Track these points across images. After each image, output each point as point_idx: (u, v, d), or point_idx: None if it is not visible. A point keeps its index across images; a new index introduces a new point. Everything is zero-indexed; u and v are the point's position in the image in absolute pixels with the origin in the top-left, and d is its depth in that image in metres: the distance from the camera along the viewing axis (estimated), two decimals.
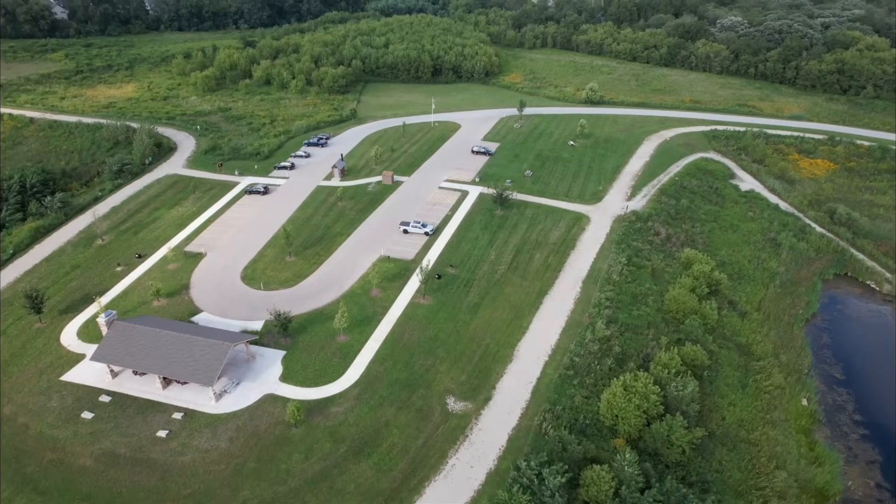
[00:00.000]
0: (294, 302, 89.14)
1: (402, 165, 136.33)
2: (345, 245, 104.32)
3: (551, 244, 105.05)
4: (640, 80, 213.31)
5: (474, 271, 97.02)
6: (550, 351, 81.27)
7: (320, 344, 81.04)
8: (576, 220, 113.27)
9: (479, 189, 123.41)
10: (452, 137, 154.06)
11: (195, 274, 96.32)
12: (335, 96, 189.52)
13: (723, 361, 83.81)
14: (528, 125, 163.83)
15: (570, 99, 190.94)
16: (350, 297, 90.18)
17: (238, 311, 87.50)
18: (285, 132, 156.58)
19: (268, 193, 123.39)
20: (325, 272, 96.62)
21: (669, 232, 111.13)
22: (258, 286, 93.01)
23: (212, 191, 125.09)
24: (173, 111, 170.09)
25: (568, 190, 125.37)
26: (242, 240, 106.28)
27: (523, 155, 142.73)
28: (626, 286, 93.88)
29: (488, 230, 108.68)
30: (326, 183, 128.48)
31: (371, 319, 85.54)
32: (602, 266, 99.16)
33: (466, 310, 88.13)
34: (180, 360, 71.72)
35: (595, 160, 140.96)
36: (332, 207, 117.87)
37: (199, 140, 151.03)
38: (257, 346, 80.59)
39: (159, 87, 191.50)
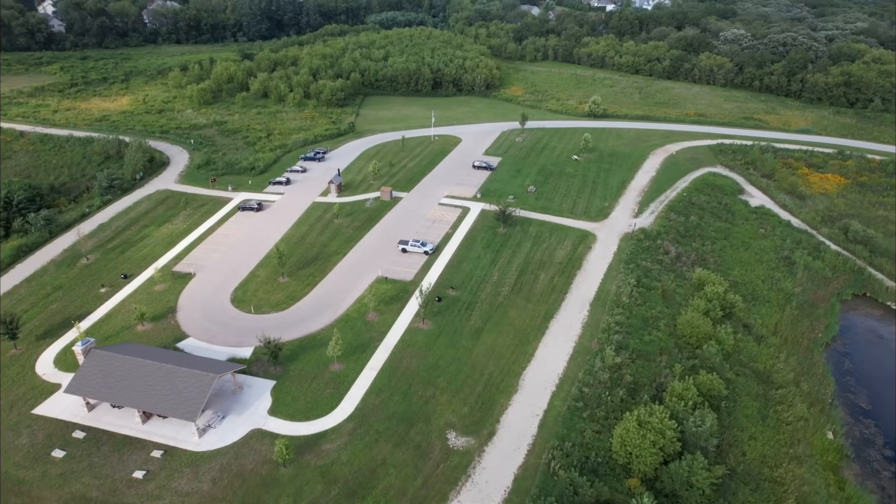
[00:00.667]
0: (286, 327, 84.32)
1: (401, 181, 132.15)
2: (341, 265, 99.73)
3: (557, 264, 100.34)
4: (644, 92, 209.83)
5: (476, 293, 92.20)
6: (558, 380, 76.18)
7: (313, 373, 75.97)
8: (582, 238, 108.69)
9: (481, 206, 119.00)
10: (453, 152, 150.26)
11: (183, 296, 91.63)
12: (333, 109, 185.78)
13: (740, 390, 78.63)
14: (531, 139, 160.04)
15: (573, 112, 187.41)
16: (345, 322, 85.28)
17: (226, 336, 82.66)
18: (281, 146, 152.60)
19: (262, 210, 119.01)
20: (319, 294, 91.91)
21: (679, 251, 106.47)
22: (248, 309, 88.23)
23: (204, 207, 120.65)
24: (168, 124, 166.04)
25: (573, 206, 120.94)
26: (234, 259, 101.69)
27: (526, 170, 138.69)
28: (637, 309, 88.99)
29: (490, 249, 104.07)
30: (323, 199, 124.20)
31: (367, 346, 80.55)
32: (610, 287, 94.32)
33: (468, 335, 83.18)
34: (161, 393, 66.53)
35: (600, 175, 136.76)
36: (328, 225, 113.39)
37: (193, 154, 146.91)
38: (245, 374, 75.44)
39: (155, 101, 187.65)
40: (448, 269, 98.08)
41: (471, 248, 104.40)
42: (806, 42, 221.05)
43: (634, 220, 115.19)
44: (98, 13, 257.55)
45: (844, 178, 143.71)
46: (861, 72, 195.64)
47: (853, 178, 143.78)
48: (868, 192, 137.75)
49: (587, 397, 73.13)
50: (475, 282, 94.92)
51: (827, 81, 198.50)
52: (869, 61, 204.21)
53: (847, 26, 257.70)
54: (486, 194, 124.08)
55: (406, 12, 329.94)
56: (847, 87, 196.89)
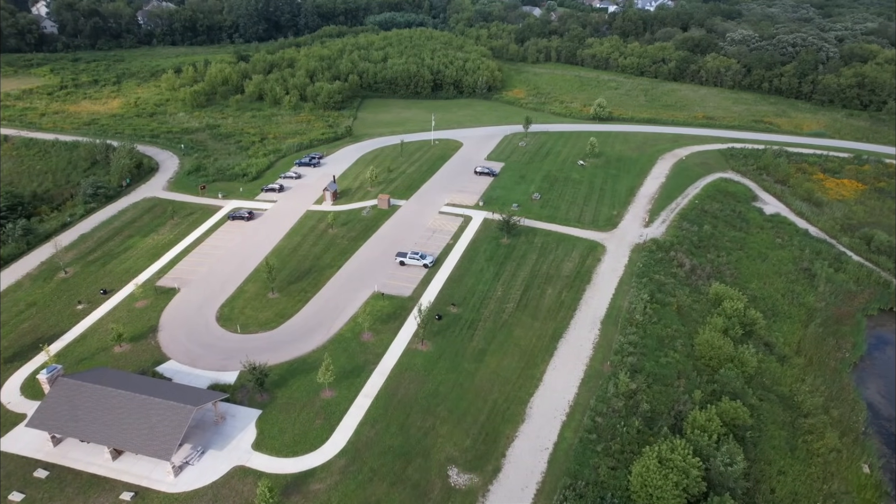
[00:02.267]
0: (274, 348, 78.32)
1: (399, 187, 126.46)
2: (334, 279, 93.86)
3: (564, 277, 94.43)
4: (650, 95, 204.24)
5: (479, 310, 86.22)
6: (568, 408, 70.08)
7: (302, 401, 69.86)
8: (590, 249, 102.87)
9: (484, 214, 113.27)
10: (454, 157, 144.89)
11: (165, 313, 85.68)
12: (330, 113, 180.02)
13: (766, 418, 72.49)
14: (535, 143, 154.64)
15: (577, 115, 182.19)
16: (338, 343, 79.21)
17: (210, 359, 76.68)
18: (276, 151, 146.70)
19: (253, 219, 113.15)
20: (311, 312, 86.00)
21: (694, 263, 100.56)
22: (235, 329, 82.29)
23: (192, 216, 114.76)
24: (158, 128, 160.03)
25: (580, 215, 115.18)
26: (221, 273, 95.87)
27: (530, 176, 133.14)
28: (651, 327, 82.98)
29: (494, 262, 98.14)
30: (317, 207, 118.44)
31: (361, 370, 74.46)
32: (622, 303, 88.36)
33: (471, 357, 77.14)
34: (133, 427, 60.31)
35: (608, 181, 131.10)
36: (322, 235, 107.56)
37: (183, 160, 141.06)
38: (229, 402, 69.26)
39: (146, 103, 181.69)
40: (449, 284, 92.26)
41: (473, 261, 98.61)
42: (816, 43, 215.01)
43: (645, 230, 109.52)
44: (91, 14, 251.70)
45: (862, 184, 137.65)
46: (874, 73, 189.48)
47: (871, 184, 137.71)
48: (888, 199, 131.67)
49: (600, 428, 67.04)
50: (478, 298, 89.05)
51: (839, 83, 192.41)
52: (882, 62, 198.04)
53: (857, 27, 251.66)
54: (489, 202, 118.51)
55: (406, 13, 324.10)
56: (860, 89, 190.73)
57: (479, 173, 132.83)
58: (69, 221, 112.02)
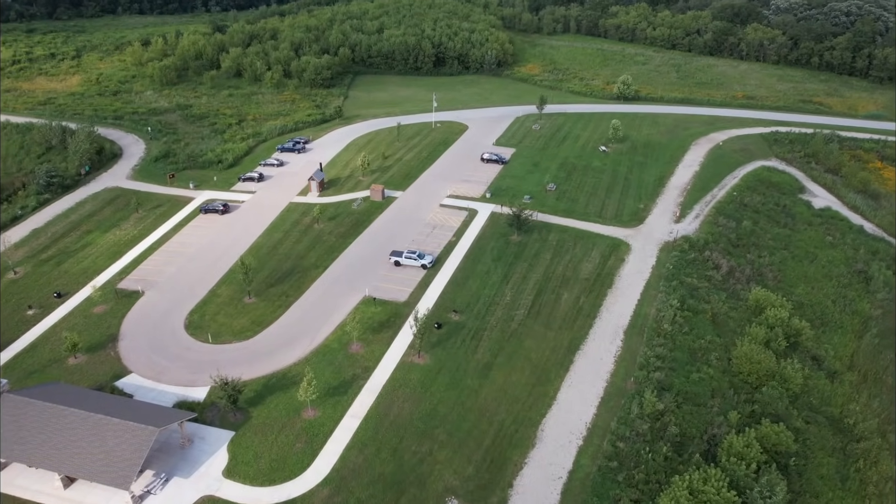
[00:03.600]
0: (250, 360, 78.09)
1: (395, 176, 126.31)
2: (320, 281, 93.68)
3: (583, 280, 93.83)
4: (682, 71, 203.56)
5: (485, 318, 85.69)
6: (585, 431, 69.44)
7: (281, 421, 69.44)
8: (612, 247, 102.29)
9: (491, 207, 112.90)
10: (458, 141, 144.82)
11: (127, 320, 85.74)
12: (318, 91, 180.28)
13: (812, 443, 71.65)
14: (550, 126, 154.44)
15: (599, 94, 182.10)
16: (323, 355, 78.85)
17: (177, 372, 76.53)
18: (255, 135, 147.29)
19: (228, 212, 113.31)
20: (292, 319, 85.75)
21: (731, 264, 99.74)
22: (205, 338, 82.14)
23: (159, 209, 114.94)
24: (122, 109, 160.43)
25: (601, 208, 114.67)
26: (191, 274, 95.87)
27: (544, 163, 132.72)
28: (682, 338, 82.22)
29: (502, 262, 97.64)
30: (301, 199, 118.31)
31: (349, 386, 74.00)
32: (649, 310, 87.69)
33: (474, 372, 76.61)
34: (88, 451, 59.95)
35: (633, 170, 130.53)
36: (307, 231, 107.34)
37: (150, 144, 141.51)
38: (198, 423, 68.89)
39: (110, 80, 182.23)
40: (450, 287, 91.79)
41: (478, 261, 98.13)
42: (874, 11, 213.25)
43: (676, 226, 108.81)
44: None
45: None
46: None
47: None
48: None
49: (622, 454, 66.34)
50: (483, 303, 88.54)
51: None
52: None
53: None
54: (497, 193, 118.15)
55: None
56: None
57: (486, 161, 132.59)
58: (20, 215, 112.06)
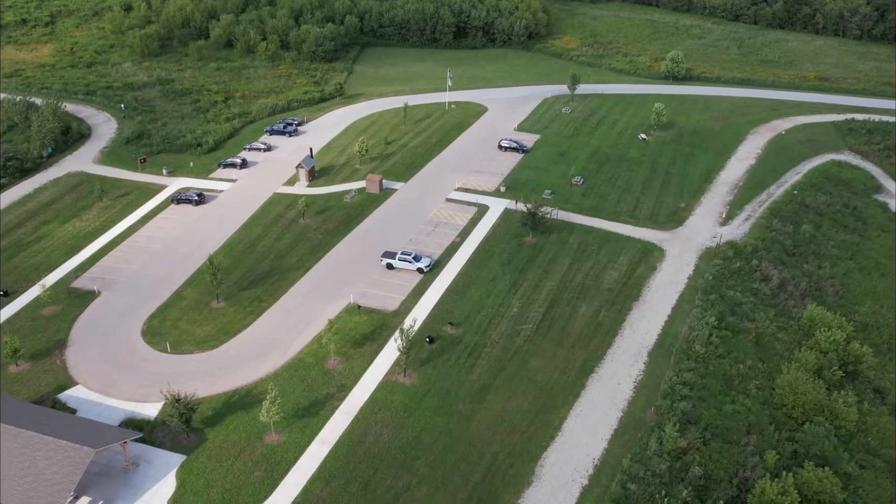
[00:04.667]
0: (212, 374, 78.83)
1: (397, 165, 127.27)
2: (300, 285, 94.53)
3: (605, 291, 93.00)
4: (745, 47, 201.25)
5: (485, 332, 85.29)
6: (592, 469, 68.52)
7: (240, 445, 69.76)
8: (643, 253, 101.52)
9: (506, 203, 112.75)
10: (474, 125, 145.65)
11: (78, 324, 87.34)
12: (318, 65, 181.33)
13: (866, 493, 69.84)
14: (583, 109, 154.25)
15: (645, 72, 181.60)
16: (295, 370, 79.20)
17: (129, 385, 77.55)
18: (242, 114, 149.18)
19: (203, 203, 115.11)
20: (264, 327, 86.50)
21: (784, 276, 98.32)
22: (164, 347, 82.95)
23: (126, 197, 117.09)
24: (96, 83, 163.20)
25: (634, 207, 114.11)
26: (155, 272, 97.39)
27: (572, 153, 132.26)
28: (716, 362, 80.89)
29: (512, 267, 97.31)
30: (288, 189, 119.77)
31: (321, 407, 74.14)
32: (680, 328, 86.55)
33: (468, 395, 76.19)
34: (15, 473, 60.79)
35: (676, 162, 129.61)
36: (290, 226, 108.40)
37: (123, 124, 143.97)
38: (145, 444, 69.53)
39: (85, 50, 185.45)
40: (449, 296, 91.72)
41: (484, 265, 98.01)
42: None
43: (721, 230, 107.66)
44: None
45: None
46: None
47: None
48: None
49: (634, 498, 65.20)
50: (485, 315, 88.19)
51: None
52: None
53: None
54: (514, 187, 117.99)
55: None
56: None
57: (504, 148, 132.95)
58: None
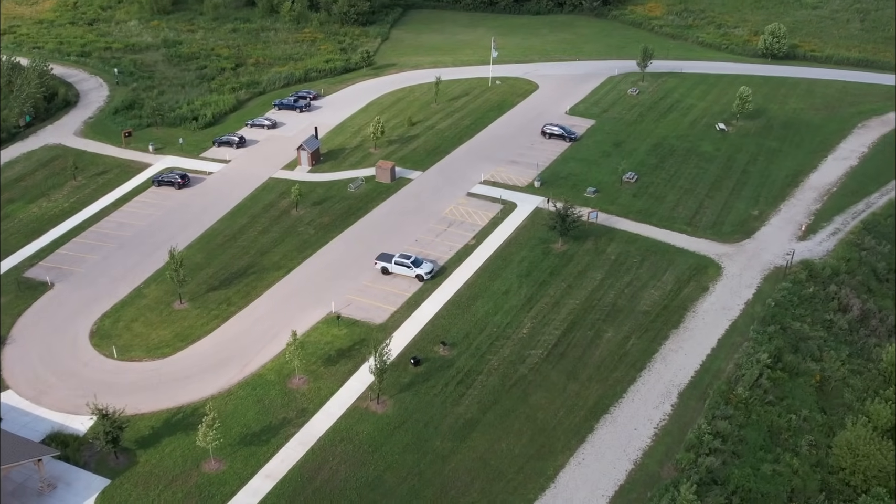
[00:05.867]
0: (157, 386, 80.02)
1: (418, 151, 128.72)
2: (278, 288, 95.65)
3: (640, 314, 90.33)
4: (869, 20, 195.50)
5: (484, 356, 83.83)
6: None
7: (173, 472, 70.26)
8: (696, 269, 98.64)
9: (538, 201, 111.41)
10: (518, 106, 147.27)
11: (23, 320, 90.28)
12: (349, 30, 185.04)
13: None
14: (654, 90, 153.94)
15: (739, 48, 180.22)
16: (252, 387, 79.56)
17: (64, 393, 79.33)
18: (251, 84, 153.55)
19: (187, 186, 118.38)
20: (227, 335, 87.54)
21: (868, 307, 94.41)
22: (110, 351, 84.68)
23: (103, 176, 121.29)
24: (93, 43, 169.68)
25: (695, 212, 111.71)
26: (118, 264, 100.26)
27: (630, 143, 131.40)
28: (762, 411, 77.30)
29: (531, 279, 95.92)
30: (286, 174, 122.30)
31: (274, 434, 74.06)
32: (724, 365, 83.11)
33: (449, 431, 74.82)
34: None
35: (758, 159, 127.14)
36: (281, 218, 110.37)
37: (116, 91, 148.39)
38: (68, 463, 70.86)
39: (89, 6, 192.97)
40: (449, 310, 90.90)
41: (498, 275, 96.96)
42: None
43: (796, 245, 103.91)
44: None
45: None
46: None
47: None
48: None
49: None
50: (488, 335, 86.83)
51: None
52: None
53: None
54: (552, 182, 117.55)
55: None
56: None
57: (548, 135, 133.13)
58: None
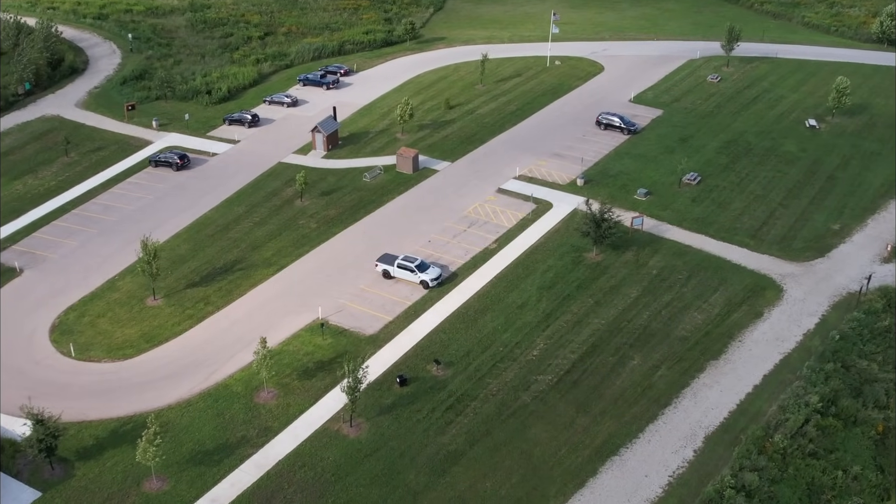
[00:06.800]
0: (112, 391, 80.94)
1: (450, 138, 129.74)
2: (264, 287, 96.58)
3: (675, 340, 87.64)
4: None
5: (483, 379, 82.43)
6: None
7: (110, 489, 70.66)
8: (752, 290, 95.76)
9: (579, 202, 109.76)
10: (576, 91, 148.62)
11: None
12: None
13: None
14: (739, 78, 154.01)
15: (851, 31, 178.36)
16: (214, 399, 79.84)
17: (9, 393, 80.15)
18: (278, 56, 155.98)
19: (186, 167, 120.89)
20: (199, 339, 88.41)
21: None
22: (68, 349, 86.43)
23: (99, 153, 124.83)
24: (114, 4, 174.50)
25: (763, 223, 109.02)
26: (95, 252, 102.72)
27: (700, 139, 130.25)
28: (803, 464, 73.85)
29: (554, 292, 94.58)
30: (298, 158, 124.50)
31: (229, 453, 73.95)
32: (765, 407, 79.78)
33: (427, 464, 73.58)
34: None
35: (851, 163, 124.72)
36: (283, 208, 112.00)
37: (128, 59, 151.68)
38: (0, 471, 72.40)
39: None
40: (452, 323, 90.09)
41: (516, 286, 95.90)
42: None
43: (879, 269, 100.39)
44: None
45: None
46: None
47: None
48: None
49: None
50: (492, 355, 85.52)
51: None
52: None
53: None
54: (598, 181, 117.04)
55: None
56: None
57: (604, 125, 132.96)
58: None
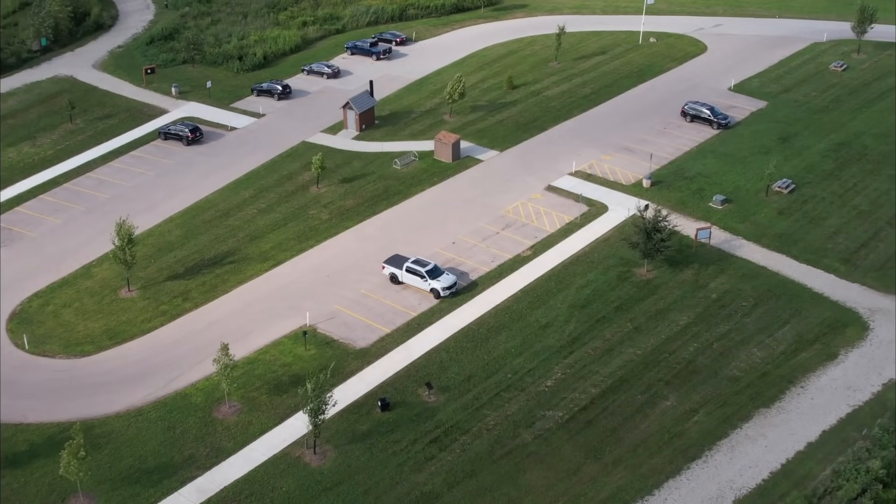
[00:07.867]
0: (59, 393, 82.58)
1: (504, 124, 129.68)
2: (253, 285, 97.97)
3: (724, 380, 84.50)
4: None
5: (480, 410, 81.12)
6: None
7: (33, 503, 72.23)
8: (830, 325, 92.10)
9: (638, 206, 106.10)
10: (667, 74, 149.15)
11: None
12: None
13: None
14: (870, 67, 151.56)
15: None
16: (169, 410, 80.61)
17: None
18: (329, 19, 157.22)
19: (198, 142, 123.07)
20: (168, 339, 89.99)
21: None
22: (21, 342, 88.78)
23: (106, 121, 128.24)
24: None
25: (861, 245, 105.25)
26: (77, 234, 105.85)
27: (804, 138, 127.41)
28: None
29: (587, 312, 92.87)
30: (325, 138, 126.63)
31: (171, 474, 74.30)
32: (815, 470, 75.80)
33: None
34: None
35: None
36: (295, 194, 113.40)
37: (161, 15, 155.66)
38: None
39: None
40: (459, 341, 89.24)
41: (544, 302, 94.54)
42: None
43: None
44: None
45: None
46: None
47: None
48: None
49: None
50: (496, 382, 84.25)
51: None
52: None
53: None
54: (669, 183, 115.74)
55: None
56: None
57: (690, 117, 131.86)
58: None
